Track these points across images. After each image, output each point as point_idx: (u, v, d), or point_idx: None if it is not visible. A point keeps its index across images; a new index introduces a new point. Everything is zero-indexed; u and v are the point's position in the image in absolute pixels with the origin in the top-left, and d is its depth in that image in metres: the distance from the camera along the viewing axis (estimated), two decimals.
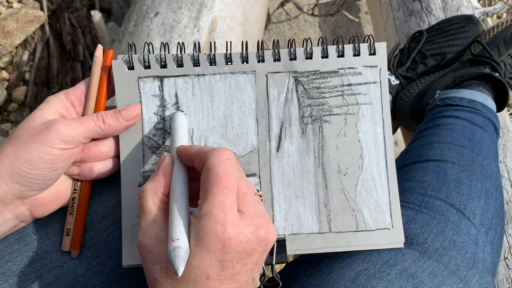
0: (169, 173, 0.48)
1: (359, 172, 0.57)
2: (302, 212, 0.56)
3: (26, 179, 0.49)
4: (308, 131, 0.57)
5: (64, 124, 0.50)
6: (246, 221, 0.43)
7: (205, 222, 0.42)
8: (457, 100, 0.86)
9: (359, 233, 0.56)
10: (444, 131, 0.79)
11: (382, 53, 0.57)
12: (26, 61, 1.57)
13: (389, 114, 0.57)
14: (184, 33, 1.11)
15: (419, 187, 0.66)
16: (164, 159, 0.49)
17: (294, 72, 0.56)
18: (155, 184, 0.47)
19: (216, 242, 0.41)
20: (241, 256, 0.43)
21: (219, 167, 0.43)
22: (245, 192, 0.45)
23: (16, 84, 1.53)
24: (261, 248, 0.44)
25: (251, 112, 0.56)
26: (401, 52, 1.02)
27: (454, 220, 0.61)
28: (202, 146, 0.48)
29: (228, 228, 0.42)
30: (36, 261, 0.55)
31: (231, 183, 0.43)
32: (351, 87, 0.57)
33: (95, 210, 0.58)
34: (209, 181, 0.43)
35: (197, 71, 0.56)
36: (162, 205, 0.46)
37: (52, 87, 1.54)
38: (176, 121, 0.54)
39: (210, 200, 0.42)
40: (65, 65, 1.59)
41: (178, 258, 0.40)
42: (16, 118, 1.49)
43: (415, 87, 0.97)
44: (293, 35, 1.68)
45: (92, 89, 0.55)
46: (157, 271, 0.43)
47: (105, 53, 0.56)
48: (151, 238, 0.44)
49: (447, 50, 0.97)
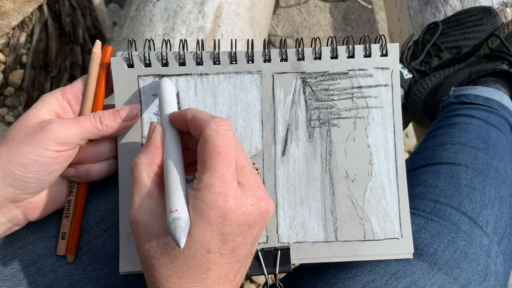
0: (161, 143, 0.47)
1: (368, 179, 0.56)
2: (307, 219, 0.56)
3: (19, 182, 0.49)
4: (316, 135, 0.56)
5: (59, 125, 0.49)
6: (247, 193, 0.43)
7: (206, 194, 0.41)
8: (472, 98, 0.85)
9: (366, 243, 0.56)
10: (458, 131, 0.78)
11: (395, 54, 0.56)
12: (23, 43, 1.56)
13: (401, 119, 0.56)
14: (188, 19, 1.09)
15: (430, 193, 0.66)
16: (154, 129, 0.48)
17: (302, 73, 0.56)
18: (148, 156, 0.46)
19: (217, 214, 0.41)
20: (242, 229, 0.43)
21: (217, 138, 0.42)
22: (244, 164, 0.45)
23: (13, 67, 1.52)
24: (262, 221, 0.44)
25: (256, 114, 0.56)
26: (415, 44, 1.00)
27: (466, 230, 0.61)
28: (198, 110, 0.47)
29: (230, 200, 0.41)
30: (30, 265, 0.55)
31: (230, 153, 0.42)
32: (361, 90, 0.56)
33: (92, 213, 0.57)
34: (207, 152, 0.42)
35: (200, 70, 0.55)
36: (156, 179, 0.45)
37: (51, 71, 1.53)
38: (163, 88, 0.52)
39: (210, 172, 0.42)
40: (64, 48, 1.58)
41: (179, 229, 0.40)
42: (12, 103, 1.48)
43: (429, 82, 0.96)
44: (302, 21, 1.66)
45: (89, 87, 0.54)
46: (153, 247, 0.43)
47: (104, 49, 0.56)
48: (146, 213, 0.43)
49: (463, 43, 0.95)
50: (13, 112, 1.48)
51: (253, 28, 1.21)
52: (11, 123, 1.45)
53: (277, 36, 1.62)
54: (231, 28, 1.14)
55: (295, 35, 1.62)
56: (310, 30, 1.63)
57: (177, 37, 1.07)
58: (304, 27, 1.64)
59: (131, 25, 1.13)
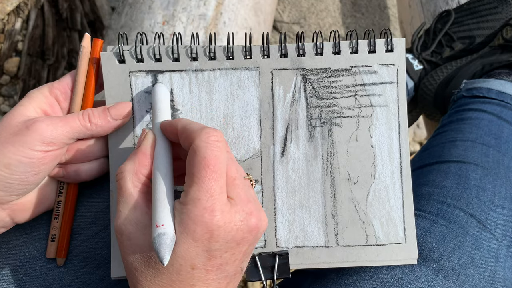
0: (151, 152, 0.46)
1: (371, 181, 0.55)
2: (307, 223, 0.55)
3: (4, 184, 0.48)
4: (316, 134, 0.55)
5: (46, 124, 0.48)
6: (236, 207, 0.42)
7: (191, 208, 0.41)
8: (484, 91, 0.84)
9: (368, 248, 0.55)
10: (469, 127, 0.77)
11: (401, 50, 0.55)
12: (19, 29, 1.55)
13: (406, 118, 0.55)
14: (189, 6, 1.08)
15: (437, 194, 0.65)
16: (145, 136, 0.47)
17: (302, 69, 0.55)
18: (135, 164, 0.45)
19: (203, 230, 0.41)
20: (230, 245, 0.42)
21: (207, 149, 0.42)
22: (235, 177, 0.44)
23: (8, 54, 1.52)
24: (252, 237, 0.44)
25: (254, 113, 0.55)
26: (426, 34, 0.99)
27: (473, 233, 0.60)
28: (189, 121, 0.46)
29: (216, 215, 0.41)
30: (19, 268, 0.55)
31: (219, 167, 0.42)
32: (365, 87, 0.55)
33: (83, 215, 0.57)
34: (195, 164, 0.42)
35: (195, 66, 0.54)
36: (143, 188, 0.45)
37: (48, 59, 1.53)
38: (157, 94, 0.52)
39: (197, 185, 0.41)
40: (61, 34, 1.58)
41: (163, 245, 0.40)
42: (8, 92, 1.48)
43: (440, 74, 0.94)
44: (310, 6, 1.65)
45: (78, 83, 0.54)
46: (137, 260, 0.43)
47: (93, 43, 0.55)
48: (131, 224, 0.43)
49: (476, 33, 0.94)
50: (8, 101, 1.48)
51: (258, 15, 1.20)
52: (6, 112, 1.45)
53: (283, 23, 1.60)
54: (234, 16, 1.13)
55: (302, 21, 1.60)
56: (318, 16, 1.62)
57: (178, 25, 1.06)
58: (312, 12, 1.62)
59: (130, 12, 1.12)
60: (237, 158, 0.55)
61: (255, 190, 0.55)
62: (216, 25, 1.09)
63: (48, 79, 1.50)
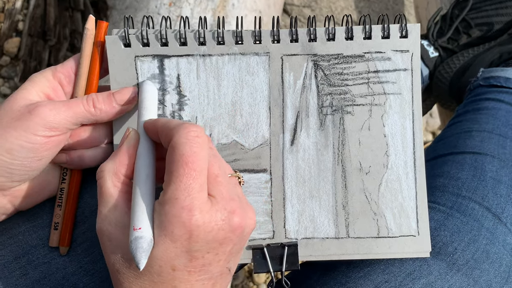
0: (133, 151, 0.47)
1: (383, 171, 0.55)
2: (317, 214, 0.55)
3: (5, 169, 0.49)
4: (328, 123, 0.55)
5: (49, 108, 0.49)
6: (217, 206, 0.42)
7: (169, 209, 0.41)
8: (502, 80, 0.83)
9: (380, 240, 0.55)
10: (485, 117, 0.77)
11: (415, 36, 0.55)
12: (20, 8, 1.55)
13: (420, 107, 0.55)
14: None
15: (452, 186, 0.65)
16: (128, 135, 0.48)
17: (314, 55, 0.55)
18: (115, 164, 0.46)
19: (182, 230, 0.41)
20: (212, 246, 0.42)
21: (185, 146, 0.42)
22: (217, 174, 0.44)
23: (8, 35, 1.52)
24: (235, 237, 0.43)
25: (263, 100, 0.55)
26: (443, 20, 0.98)
27: (488, 227, 0.60)
28: (169, 119, 0.46)
29: (195, 214, 0.41)
30: (22, 256, 0.56)
31: (199, 164, 0.42)
32: (378, 74, 0.55)
33: (87, 202, 0.58)
34: (174, 162, 0.42)
35: (203, 50, 0.54)
36: (123, 188, 0.45)
37: (49, 39, 1.53)
38: (144, 92, 0.52)
39: (175, 184, 0.41)
40: (64, 14, 1.57)
41: (140, 250, 0.40)
42: (8, 73, 1.49)
43: (456, 61, 0.94)
44: None
45: (82, 67, 0.54)
46: (118, 261, 0.43)
47: (98, 26, 0.55)
48: (111, 225, 0.43)
49: (495, 19, 0.93)
50: (8, 83, 1.48)
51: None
52: (6, 95, 1.46)
53: (293, 6, 1.59)
54: None
55: (313, 4, 1.59)
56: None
57: (184, 6, 1.06)
58: None
59: None
60: (245, 146, 0.55)
61: (263, 179, 0.55)
62: (224, 7, 1.08)
63: (49, 61, 1.50)
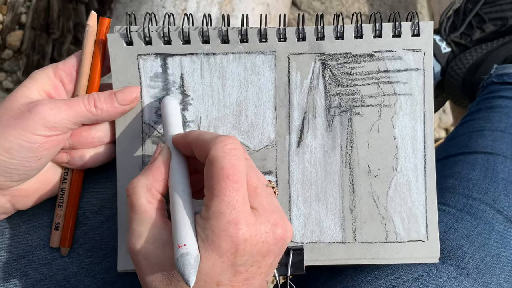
0: (166, 167, 0.46)
1: (393, 175, 0.55)
2: (323, 217, 0.55)
3: (4, 169, 0.49)
4: (335, 124, 0.55)
5: (49, 107, 0.49)
6: (260, 219, 0.42)
7: (215, 223, 0.41)
8: None
9: (388, 245, 0.55)
10: (498, 116, 0.77)
11: (428, 34, 0.54)
12: (23, 1, 1.55)
13: (432, 108, 0.55)
14: None
15: (463, 187, 0.65)
16: (161, 151, 0.47)
17: (321, 54, 0.54)
18: (148, 179, 0.45)
19: (229, 244, 0.41)
20: (256, 259, 0.42)
21: (224, 159, 0.41)
22: (257, 185, 0.44)
23: (11, 28, 1.52)
24: (278, 249, 0.44)
25: (269, 100, 0.55)
26: (456, 14, 0.97)
27: (499, 230, 0.60)
28: (201, 132, 0.46)
29: (242, 228, 0.41)
30: (22, 256, 0.56)
31: (239, 176, 0.42)
32: (389, 74, 0.54)
33: (88, 202, 0.58)
34: (214, 176, 0.41)
35: (207, 49, 0.54)
36: (158, 205, 0.45)
37: (52, 32, 1.53)
38: (167, 107, 0.52)
39: (218, 198, 0.41)
40: (67, 7, 1.57)
41: (188, 266, 0.39)
42: (11, 67, 1.49)
43: (469, 57, 0.93)
44: None
45: (84, 65, 0.54)
46: (157, 279, 0.43)
47: (100, 22, 0.55)
48: (148, 242, 0.43)
49: (509, 14, 0.93)
50: (11, 77, 1.49)
51: None
52: (9, 89, 1.46)
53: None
54: None
55: None
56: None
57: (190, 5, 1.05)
58: None
59: None
60: (250, 147, 0.55)
61: None
62: (231, 0, 1.08)
63: (52, 54, 1.50)
